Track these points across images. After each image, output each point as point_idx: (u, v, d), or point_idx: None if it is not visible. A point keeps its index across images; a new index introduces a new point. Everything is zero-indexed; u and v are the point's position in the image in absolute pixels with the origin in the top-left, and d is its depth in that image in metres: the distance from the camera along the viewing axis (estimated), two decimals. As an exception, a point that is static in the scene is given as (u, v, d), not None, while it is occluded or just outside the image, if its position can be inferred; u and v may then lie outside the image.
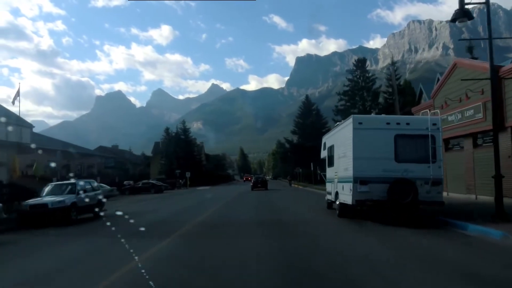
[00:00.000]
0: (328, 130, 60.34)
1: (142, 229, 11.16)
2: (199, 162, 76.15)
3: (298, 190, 41.16)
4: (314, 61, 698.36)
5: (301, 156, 57.14)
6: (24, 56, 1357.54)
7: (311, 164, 42.04)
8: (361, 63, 48.15)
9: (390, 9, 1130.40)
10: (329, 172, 16.51)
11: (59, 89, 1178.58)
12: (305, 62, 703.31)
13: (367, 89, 47.14)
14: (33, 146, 23.39)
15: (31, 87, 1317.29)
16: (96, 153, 54.68)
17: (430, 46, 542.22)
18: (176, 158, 69.70)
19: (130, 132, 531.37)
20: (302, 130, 61.46)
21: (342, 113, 47.75)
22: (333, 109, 48.97)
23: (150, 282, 4.93)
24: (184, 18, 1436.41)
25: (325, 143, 17.67)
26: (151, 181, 47.78)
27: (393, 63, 45.44)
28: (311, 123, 58.92)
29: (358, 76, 47.75)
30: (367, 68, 48.65)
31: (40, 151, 26.25)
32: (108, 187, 32.34)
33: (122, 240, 6.18)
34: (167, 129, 76.22)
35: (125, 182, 45.79)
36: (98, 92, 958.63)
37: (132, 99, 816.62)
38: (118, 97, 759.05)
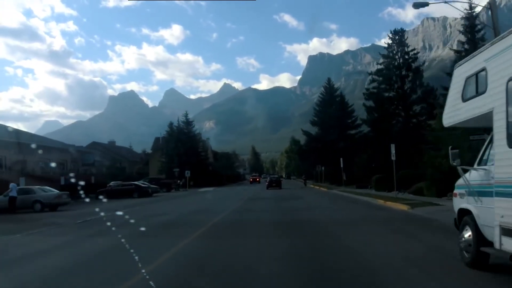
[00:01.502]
0: (354, 122, 50.89)
1: None
2: (204, 160, 67.48)
3: (328, 194, 32.23)
4: (327, 59, 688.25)
5: (323, 152, 47.98)
6: (38, 56, 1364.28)
7: (341, 160, 32.88)
8: (398, 36, 38.73)
9: (401, 7, 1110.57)
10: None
11: (72, 89, 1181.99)
12: (318, 61, 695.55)
13: (407, 67, 37.87)
14: None
15: (44, 88, 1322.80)
16: (72, 150, 46.14)
17: (445, 44, 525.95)
18: (177, 155, 61.22)
19: (142, 131, 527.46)
20: (323, 120, 51.88)
21: (374, 97, 38.65)
22: (364, 92, 39.88)
23: None
24: (195, 18, 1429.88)
25: (477, 79, 6.28)
26: (139, 182, 39.23)
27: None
28: (334, 113, 49.37)
29: (394, 51, 38.49)
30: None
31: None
32: (55, 192, 23.83)
33: None
34: (171, 124, 67.75)
35: (111, 183, 37.46)
36: (110, 92, 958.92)
37: (145, 99, 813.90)
38: (130, 97, 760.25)
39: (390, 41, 38.66)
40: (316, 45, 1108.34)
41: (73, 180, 29.18)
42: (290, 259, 7.38)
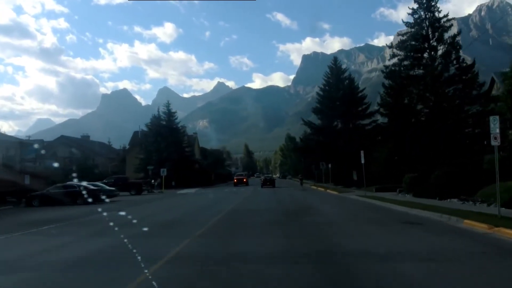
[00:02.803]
0: (365, 109, 43.11)
1: None
2: (189, 156, 58.97)
3: (350, 203, 21.86)
4: (321, 59, 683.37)
5: (327, 146, 39.82)
6: (28, 54, 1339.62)
7: (361, 154, 24.69)
8: (426, -1, 30.60)
9: (393, 7, 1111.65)
10: None
11: (63, 87, 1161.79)
12: (311, 60, 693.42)
13: (438, 38, 29.93)
14: None
15: (35, 85, 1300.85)
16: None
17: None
18: (157, 151, 52.83)
19: (136, 130, 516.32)
20: (328, 107, 43.40)
21: (397, 76, 30.69)
22: (383, 70, 31.94)
23: None
24: (187, 16, 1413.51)
25: None
26: (101, 182, 30.93)
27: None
28: (342, 97, 40.94)
29: (422, 18, 30.49)
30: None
31: None
32: None
33: None
34: (154, 117, 59.02)
35: (58, 185, 29.06)
36: (103, 90, 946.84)
37: (138, 97, 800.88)
38: (124, 95, 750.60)
39: (415, 5, 30.64)
40: (309, 45, 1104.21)
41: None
42: None
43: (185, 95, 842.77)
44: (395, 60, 31.90)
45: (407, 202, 17.42)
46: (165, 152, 52.33)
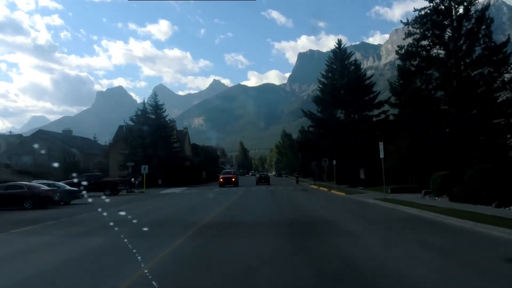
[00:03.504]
0: (374, 98, 39.21)
1: None
2: (178, 153, 54.29)
3: (365, 208, 17.29)
4: (316, 57, 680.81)
5: (332, 140, 35.36)
6: (22, 51, 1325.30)
7: (380, 146, 20.21)
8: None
9: (388, 6, 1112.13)
10: None
11: (58, 84, 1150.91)
12: (308, 58, 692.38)
13: (463, 14, 25.54)
14: None
15: (29, 82, 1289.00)
16: None
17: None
18: (142, 146, 48.25)
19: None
20: (331, 96, 38.48)
21: (413, 57, 26.36)
22: (397, 51, 27.56)
23: None
24: (182, 13, 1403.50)
25: None
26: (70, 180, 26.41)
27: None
28: (347, 85, 36.27)
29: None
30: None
31: None
32: None
33: None
34: (139, 109, 54.23)
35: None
36: (98, 87, 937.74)
37: (133, 95, 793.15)
38: (119, 92, 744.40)
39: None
40: (304, 43, 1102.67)
41: None
42: None
43: (181, 93, 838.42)
44: (409, 40, 27.45)
45: (464, 213, 11.96)
46: (150, 148, 47.79)
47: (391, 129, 28.82)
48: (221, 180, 43.33)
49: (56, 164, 48.32)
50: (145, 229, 9.91)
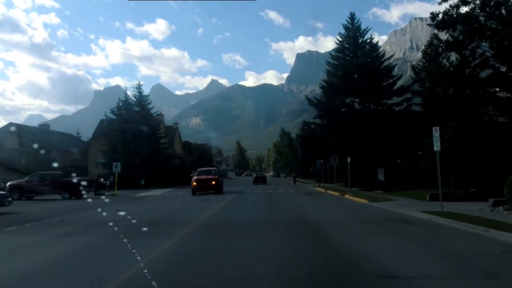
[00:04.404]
0: (394, 83, 33.68)
1: None
2: (165, 149, 48.37)
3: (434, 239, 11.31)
4: (315, 58, 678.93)
5: (342, 133, 29.55)
6: (19, 49, 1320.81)
7: (434, 132, 14.33)
8: None
9: (386, 8, 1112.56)
10: None
11: (55, 82, 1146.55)
12: (306, 59, 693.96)
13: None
14: None
15: (26, 81, 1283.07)
16: None
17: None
18: (123, 142, 42.41)
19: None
20: (342, 80, 32.38)
21: (459, 24, 20.72)
22: (432, 17, 21.76)
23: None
24: (180, 13, 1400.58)
25: None
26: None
27: None
28: (361, 67, 30.08)
29: None
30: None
31: None
32: None
33: None
34: (121, 100, 47.97)
35: None
36: (95, 86, 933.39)
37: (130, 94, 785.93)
38: (117, 91, 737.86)
39: None
40: (302, 43, 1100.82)
41: None
42: None
43: (178, 93, 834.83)
44: (446, 5, 21.66)
45: None
46: (132, 143, 41.91)
47: (420, 120, 23.09)
48: (194, 184, 28.32)
49: (23, 160, 42.61)
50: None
